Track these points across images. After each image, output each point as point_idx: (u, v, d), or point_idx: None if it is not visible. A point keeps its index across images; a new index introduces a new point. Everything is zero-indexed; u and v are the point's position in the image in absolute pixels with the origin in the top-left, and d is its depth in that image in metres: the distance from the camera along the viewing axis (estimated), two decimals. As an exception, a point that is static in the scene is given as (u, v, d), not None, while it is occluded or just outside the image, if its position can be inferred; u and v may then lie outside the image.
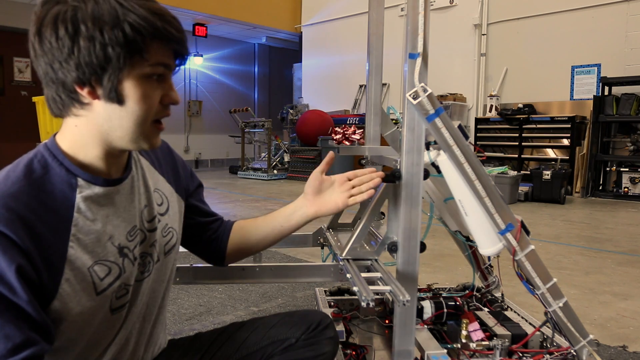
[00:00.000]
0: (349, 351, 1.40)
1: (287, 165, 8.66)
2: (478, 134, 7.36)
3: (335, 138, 7.96)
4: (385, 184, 1.23)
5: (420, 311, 1.47)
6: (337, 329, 1.14)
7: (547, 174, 5.80)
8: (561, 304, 1.23)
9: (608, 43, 6.56)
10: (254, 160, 9.34)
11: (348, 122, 8.15)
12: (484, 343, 1.33)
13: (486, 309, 1.61)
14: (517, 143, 6.98)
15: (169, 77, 0.82)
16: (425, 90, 1.13)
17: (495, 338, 1.36)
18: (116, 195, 0.85)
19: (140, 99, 0.77)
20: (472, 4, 7.72)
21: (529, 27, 7.23)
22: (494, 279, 1.74)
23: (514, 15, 7.38)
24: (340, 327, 1.44)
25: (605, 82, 6.32)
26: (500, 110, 7.20)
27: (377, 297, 1.58)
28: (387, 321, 1.59)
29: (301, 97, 10.43)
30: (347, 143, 7.99)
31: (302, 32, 10.58)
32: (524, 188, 5.95)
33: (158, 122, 0.83)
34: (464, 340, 1.36)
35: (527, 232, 1.22)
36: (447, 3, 7.96)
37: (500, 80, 7.52)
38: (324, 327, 1.09)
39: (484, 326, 1.44)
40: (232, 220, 1.19)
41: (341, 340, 1.42)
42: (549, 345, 1.37)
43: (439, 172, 1.30)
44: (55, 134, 0.84)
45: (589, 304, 2.34)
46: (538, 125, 6.79)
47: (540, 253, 1.22)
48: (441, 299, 1.53)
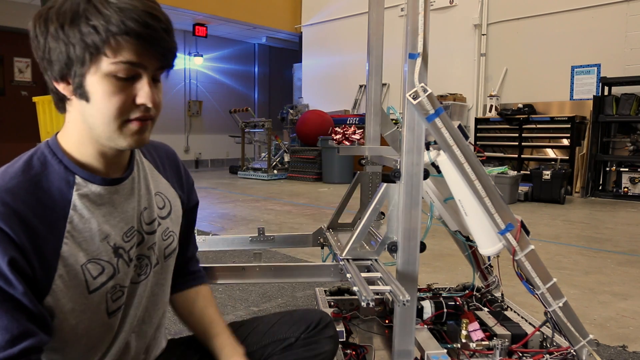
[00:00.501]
0: (349, 351, 1.40)
1: (287, 165, 8.66)
2: (478, 134, 7.36)
3: (335, 138, 7.98)
4: (385, 184, 1.23)
5: (420, 311, 1.47)
6: (337, 329, 1.14)
7: (547, 174, 5.80)
8: (561, 304, 1.23)
9: (608, 43, 6.56)
10: (254, 160, 9.34)
11: (348, 122, 8.16)
12: (483, 343, 1.33)
13: (486, 309, 1.61)
14: (517, 143, 6.98)
15: (146, 77, 0.77)
16: (425, 90, 1.13)
17: (495, 338, 1.36)
18: (114, 195, 0.85)
19: (104, 97, 0.75)
20: (472, 4, 7.72)
21: (529, 27, 7.23)
22: (494, 279, 1.74)
23: (514, 15, 7.38)
24: (340, 327, 1.44)
25: (605, 82, 6.32)
26: (500, 110, 7.20)
27: (377, 297, 1.58)
28: (387, 321, 1.59)
29: (301, 97, 10.43)
30: (347, 143, 8.00)
31: (302, 32, 10.58)
32: (523, 188, 5.95)
33: (136, 120, 0.78)
34: (463, 340, 1.36)
35: (527, 232, 1.22)
36: (447, 3, 7.96)
37: (500, 80, 7.52)
38: (323, 326, 1.08)
39: (484, 326, 1.44)
40: (203, 279, 1.14)
41: (341, 340, 1.41)
42: (548, 345, 1.37)
43: (439, 172, 1.31)
44: (57, 132, 0.84)
45: (588, 304, 2.34)
46: (538, 125, 6.79)
47: (540, 253, 1.22)
48: (441, 299, 1.53)
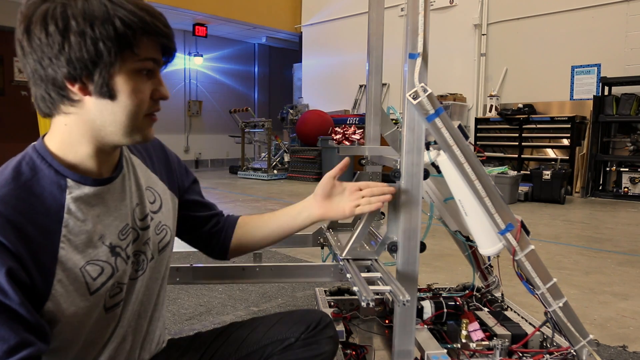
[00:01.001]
0: (349, 351, 1.40)
1: (287, 165, 8.66)
2: (478, 134, 7.36)
3: (335, 138, 7.97)
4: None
5: (420, 311, 1.47)
6: (337, 329, 1.14)
7: (547, 174, 5.80)
8: (561, 304, 1.23)
9: (608, 43, 6.56)
10: (254, 160, 9.34)
11: (348, 122, 8.16)
12: (484, 343, 1.33)
13: (486, 309, 1.61)
14: (517, 143, 6.98)
15: (158, 72, 0.83)
16: (425, 90, 1.13)
17: (495, 338, 1.36)
18: (107, 194, 0.85)
19: (131, 94, 0.78)
20: (472, 4, 7.72)
21: (529, 27, 7.23)
22: (494, 279, 1.74)
23: (514, 15, 7.38)
24: (340, 327, 1.44)
25: (605, 82, 6.32)
26: (500, 110, 7.20)
27: (377, 297, 1.58)
28: (387, 321, 1.59)
29: (301, 97, 10.43)
30: (347, 143, 8.00)
31: (302, 32, 10.58)
32: (524, 188, 5.95)
33: (150, 115, 0.83)
34: (464, 340, 1.36)
35: (527, 232, 1.22)
36: (447, 3, 7.96)
37: (500, 80, 7.52)
38: (323, 326, 1.08)
39: (484, 326, 1.44)
40: (236, 215, 1.20)
41: (341, 340, 1.42)
42: (549, 345, 1.37)
43: (439, 172, 1.30)
44: (43, 136, 0.83)
45: (589, 304, 2.34)
46: (538, 125, 6.79)
47: (540, 253, 1.22)
48: (441, 299, 1.53)
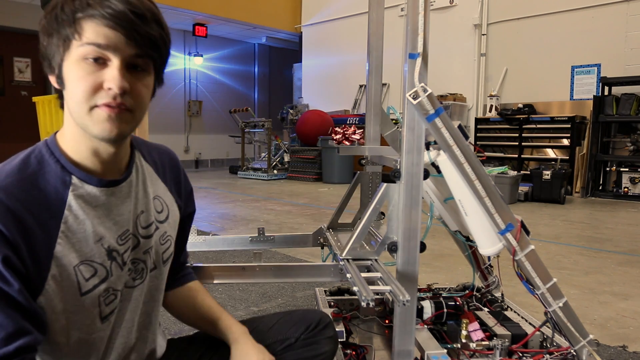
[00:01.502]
0: (349, 351, 1.40)
1: (287, 165, 8.66)
2: (478, 134, 7.36)
3: (335, 138, 7.96)
4: (385, 184, 1.23)
5: (420, 311, 1.47)
6: (337, 329, 1.14)
7: (547, 174, 5.80)
8: (561, 304, 1.23)
9: (608, 43, 6.56)
10: (254, 160, 9.34)
11: (348, 122, 8.16)
12: (484, 343, 1.33)
13: (486, 309, 1.61)
14: (517, 143, 6.98)
15: (115, 61, 0.75)
16: (425, 90, 1.13)
17: (495, 338, 1.36)
18: (110, 197, 0.84)
19: (74, 81, 0.75)
20: (472, 4, 7.72)
21: (529, 27, 7.23)
22: (494, 279, 1.74)
23: (514, 15, 7.38)
24: (340, 327, 1.44)
25: (605, 82, 6.32)
26: (500, 110, 7.20)
27: (377, 297, 1.58)
28: (387, 321, 1.59)
29: (301, 97, 10.43)
30: (347, 143, 7.99)
31: (302, 32, 10.57)
32: (524, 188, 5.95)
33: (105, 106, 0.76)
34: (464, 340, 1.36)
35: (527, 232, 1.22)
36: (447, 3, 7.96)
37: (500, 80, 7.52)
38: (323, 326, 1.08)
39: (484, 326, 1.44)
40: (193, 276, 1.14)
41: (341, 340, 1.41)
42: (549, 345, 1.37)
43: (439, 172, 1.31)
44: (57, 132, 0.84)
45: (589, 304, 2.34)
46: (538, 125, 6.79)
47: (540, 253, 1.22)
48: (441, 299, 1.53)
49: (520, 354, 1.34)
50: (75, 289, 0.78)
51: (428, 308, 1.49)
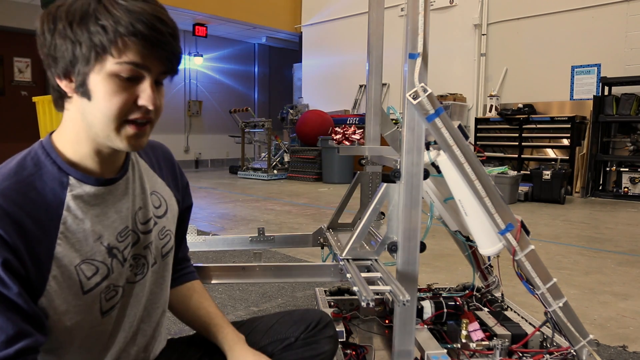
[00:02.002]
0: (349, 351, 1.40)
1: (287, 165, 8.66)
2: (478, 134, 7.36)
3: (335, 138, 7.97)
4: (385, 184, 1.23)
5: (420, 311, 1.47)
6: (337, 329, 1.14)
7: (547, 174, 5.80)
8: (561, 304, 1.23)
9: (608, 43, 6.56)
10: (254, 160, 9.34)
11: (348, 122, 8.16)
12: (484, 343, 1.33)
13: (486, 309, 1.61)
14: (517, 143, 6.98)
15: (148, 79, 0.77)
16: (425, 90, 1.13)
17: (495, 338, 1.36)
18: (108, 195, 0.85)
19: (105, 96, 0.75)
20: (472, 4, 7.72)
21: (529, 27, 7.23)
22: (494, 279, 1.74)
23: (514, 15, 7.38)
24: (340, 327, 1.44)
25: (605, 82, 6.32)
26: (500, 110, 7.20)
27: (377, 297, 1.58)
28: (387, 321, 1.59)
29: (301, 97, 10.43)
30: (347, 143, 8.00)
31: (302, 32, 10.58)
32: (524, 188, 5.95)
33: (134, 123, 0.78)
34: (464, 340, 1.36)
35: (527, 232, 1.22)
36: (447, 3, 7.96)
37: (500, 80, 7.52)
38: (323, 325, 1.08)
39: (484, 326, 1.44)
40: (194, 275, 1.14)
41: (341, 340, 1.41)
42: (549, 345, 1.37)
43: (439, 172, 1.31)
44: (52, 132, 0.84)
45: (589, 304, 2.34)
46: (538, 125, 6.79)
47: (540, 253, 1.22)
48: (441, 299, 1.53)
49: (520, 354, 1.34)
50: (77, 288, 0.79)
51: (428, 308, 1.48)
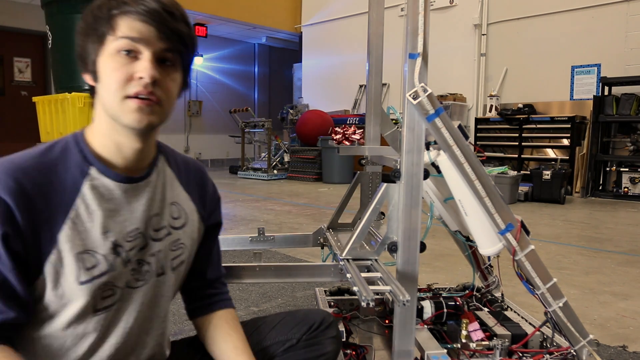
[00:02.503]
0: (349, 351, 1.40)
1: (287, 165, 8.66)
2: (478, 134, 7.36)
3: (335, 138, 7.97)
4: (385, 184, 1.23)
5: (420, 311, 1.47)
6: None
7: (547, 174, 5.80)
8: (561, 304, 1.23)
9: (608, 43, 6.56)
10: (254, 160, 9.34)
11: (348, 122, 8.16)
12: (484, 343, 1.33)
13: (486, 309, 1.61)
14: (517, 143, 6.98)
15: (147, 53, 0.80)
16: (425, 90, 1.13)
17: (495, 338, 1.36)
18: (125, 193, 0.86)
19: (108, 73, 0.80)
20: (472, 4, 7.72)
21: (529, 27, 7.23)
22: (494, 279, 1.74)
23: (514, 15, 7.38)
24: (340, 327, 1.44)
25: (605, 82, 6.32)
26: (500, 110, 7.20)
27: (377, 297, 1.58)
28: (387, 321, 1.59)
29: (301, 97, 10.43)
30: (347, 143, 8.00)
31: (302, 32, 10.58)
32: (524, 188, 5.95)
33: (137, 98, 0.80)
34: (464, 340, 1.36)
35: (527, 232, 1.22)
36: (447, 3, 7.96)
37: (500, 80, 7.52)
38: (325, 326, 1.08)
39: (484, 326, 1.44)
40: (228, 303, 1.08)
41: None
42: (549, 345, 1.37)
43: (439, 172, 1.31)
44: (86, 126, 0.88)
45: (589, 304, 2.34)
46: (538, 125, 6.79)
47: (540, 253, 1.22)
48: (441, 299, 1.53)
49: (520, 354, 1.34)
50: (74, 277, 0.79)
51: (428, 308, 1.48)
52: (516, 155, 7.01)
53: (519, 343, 1.36)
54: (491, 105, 7.39)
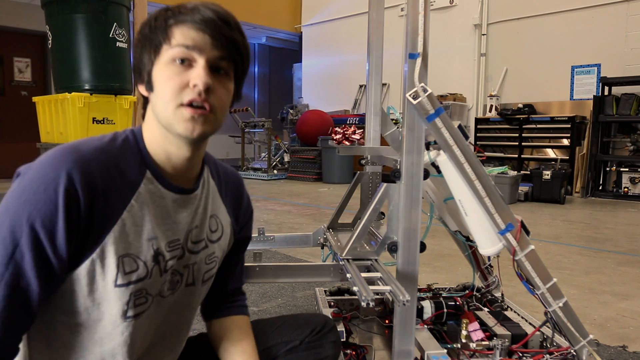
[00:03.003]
0: (349, 351, 1.40)
1: (287, 165, 8.66)
2: (478, 134, 7.36)
3: (335, 138, 7.94)
4: (385, 184, 1.23)
5: (420, 311, 1.47)
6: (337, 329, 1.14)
7: (547, 174, 5.80)
8: (561, 304, 1.23)
9: (608, 43, 6.56)
10: (254, 160, 9.34)
11: (348, 122, 8.16)
12: (484, 343, 1.33)
13: (486, 309, 1.61)
14: (517, 143, 6.98)
15: (200, 61, 0.79)
16: (425, 90, 1.13)
17: (495, 338, 1.36)
18: (174, 203, 0.85)
19: (163, 82, 0.80)
20: (472, 4, 7.72)
21: (529, 27, 7.23)
22: (494, 279, 1.74)
23: (514, 15, 7.38)
24: (340, 327, 1.44)
25: (605, 82, 6.32)
26: (500, 110, 7.20)
27: (377, 297, 1.58)
28: (387, 321, 1.59)
29: (301, 97, 10.43)
30: (347, 143, 7.96)
31: (302, 32, 10.58)
32: (524, 188, 5.95)
33: (190, 106, 0.79)
34: (464, 340, 1.36)
35: (527, 232, 1.22)
36: (447, 3, 7.96)
37: (500, 80, 7.52)
38: (327, 330, 1.09)
39: (484, 326, 1.44)
40: (244, 310, 1.09)
41: (341, 340, 1.42)
42: (549, 345, 1.37)
43: (439, 172, 1.31)
44: (141, 125, 0.88)
45: (589, 304, 2.34)
46: (538, 125, 6.79)
47: (540, 253, 1.22)
48: (441, 299, 1.53)
49: (520, 354, 1.34)
50: (111, 278, 0.77)
51: (428, 308, 1.48)
52: (516, 155, 7.01)
53: (519, 343, 1.36)
54: (491, 105, 7.39)
